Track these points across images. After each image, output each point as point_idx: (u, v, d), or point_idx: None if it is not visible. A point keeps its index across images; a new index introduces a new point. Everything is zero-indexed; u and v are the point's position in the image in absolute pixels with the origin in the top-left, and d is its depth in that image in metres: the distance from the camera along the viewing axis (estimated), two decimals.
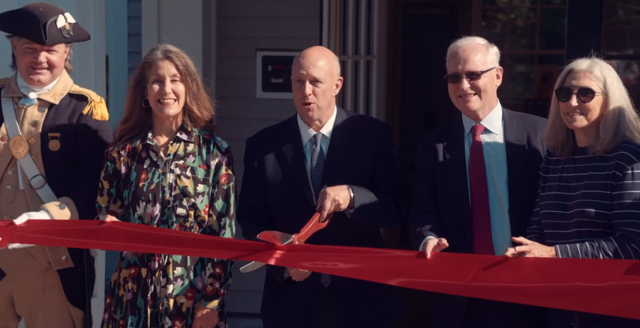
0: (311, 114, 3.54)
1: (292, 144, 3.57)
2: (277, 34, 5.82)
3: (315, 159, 3.57)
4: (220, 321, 3.54)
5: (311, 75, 3.49)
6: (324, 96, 3.52)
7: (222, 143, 3.56)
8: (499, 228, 3.39)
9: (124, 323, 3.48)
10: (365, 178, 3.56)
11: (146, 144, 3.51)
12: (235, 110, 5.72)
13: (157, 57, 3.46)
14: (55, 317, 3.62)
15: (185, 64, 3.47)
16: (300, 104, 3.54)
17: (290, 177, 3.54)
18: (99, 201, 3.53)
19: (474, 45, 3.43)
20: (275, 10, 5.81)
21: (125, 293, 3.50)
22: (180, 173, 3.47)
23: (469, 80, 3.39)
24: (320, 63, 3.51)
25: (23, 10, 3.61)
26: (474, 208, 3.40)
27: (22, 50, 3.59)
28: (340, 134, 3.58)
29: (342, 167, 3.55)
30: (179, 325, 3.46)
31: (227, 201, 3.51)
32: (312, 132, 3.59)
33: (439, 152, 3.48)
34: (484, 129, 3.47)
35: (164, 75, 3.45)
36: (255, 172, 3.60)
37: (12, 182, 3.60)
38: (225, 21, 5.83)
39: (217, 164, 3.51)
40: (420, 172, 3.53)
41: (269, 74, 5.88)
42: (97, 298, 3.95)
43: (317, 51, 3.60)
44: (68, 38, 3.61)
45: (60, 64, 3.63)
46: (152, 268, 3.47)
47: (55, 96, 3.65)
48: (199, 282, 3.50)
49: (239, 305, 5.16)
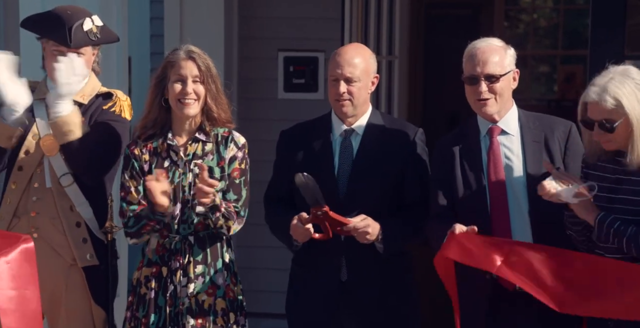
0: (345, 110, 3.56)
1: (323, 137, 3.60)
2: (299, 35, 5.82)
3: (345, 153, 3.58)
4: (240, 316, 3.55)
5: (346, 75, 3.51)
6: (358, 94, 3.54)
7: (239, 138, 3.58)
8: (519, 231, 3.37)
9: (145, 321, 3.50)
10: (391, 179, 3.56)
11: (167, 144, 3.52)
12: (257, 110, 5.73)
13: (180, 57, 3.48)
14: (78, 316, 3.64)
15: (207, 65, 3.49)
16: (334, 100, 3.56)
17: (316, 169, 3.56)
18: (130, 199, 3.53)
19: (492, 47, 3.41)
20: (297, 11, 5.81)
21: (148, 291, 3.52)
22: (199, 173, 3.49)
23: (488, 83, 3.38)
24: (356, 61, 3.53)
25: (51, 13, 3.65)
26: (492, 212, 3.38)
27: (50, 53, 3.63)
28: (372, 131, 3.60)
29: (370, 164, 3.56)
30: (202, 322, 3.48)
31: (238, 194, 3.53)
32: (344, 126, 3.60)
33: (455, 155, 3.46)
34: (500, 131, 3.45)
35: (186, 75, 3.47)
36: (285, 162, 3.64)
37: (40, 180, 3.63)
38: (248, 22, 5.84)
39: (231, 158, 3.53)
40: (436, 176, 3.51)
41: (290, 74, 5.88)
42: (119, 298, 3.97)
43: (354, 49, 3.62)
44: (95, 41, 3.64)
45: (87, 66, 3.66)
46: (173, 268, 3.49)
47: (84, 97, 3.69)
48: (220, 277, 3.51)
49: (262, 306, 5.18)
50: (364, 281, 3.55)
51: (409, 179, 3.57)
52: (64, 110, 3.51)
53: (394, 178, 3.57)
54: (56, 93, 3.50)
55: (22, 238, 3.22)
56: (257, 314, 4.46)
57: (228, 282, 3.54)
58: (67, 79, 3.48)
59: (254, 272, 5.40)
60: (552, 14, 9.39)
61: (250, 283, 3.86)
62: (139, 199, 3.52)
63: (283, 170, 3.67)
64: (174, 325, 3.48)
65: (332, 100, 3.59)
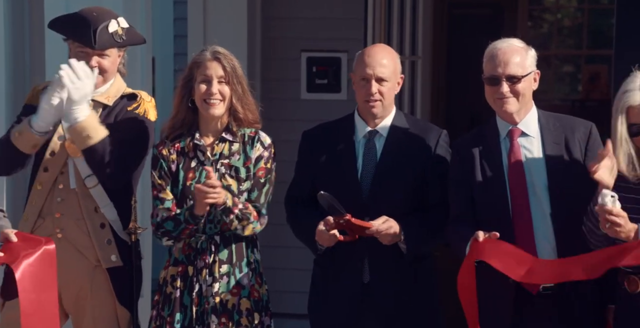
0: (375, 111, 3.56)
1: (346, 138, 3.60)
2: (321, 35, 5.82)
3: (368, 155, 3.57)
4: (265, 316, 3.56)
5: (377, 75, 3.51)
6: (388, 94, 3.55)
7: (265, 138, 3.59)
8: (543, 234, 3.34)
9: (171, 320, 3.52)
10: (415, 181, 3.55)
11: (194, 144, 3.54)
12: (280, 111, 5.73)
13: (206, 57, 3.50)
14: (103, 316, 3.65)
15: (233, 66, 3.51)
16: (364, 101, 3.55)
17: (339, 171, 3.56)
18: (163, 196, 3.54)
19: (513, 48, 3.39)
20: (320, 11, 5.81)
21: (173, 290, 3.53)
22: (225, 173, 3.50)
23: (509, 84, 3.36)
24: (385, 61, 3.54)
25: (77, 15, 3.66)
26: (514, 215, 3.35)
27: (75, 54, 3.64)
28: (396, 133, 3.59)
29: (394, 166, 3.55)
30: (225, 321, 3.49)
31: (261, 192, 3.54)
32: (368, 128, 3.60)
33: (475, 157, 3.44)
34: (521, 133, 3.43)
35: (212, 75, 3.49)
36: (307, 163, 3.64)
37: (65, 181, 3.65)
38: (271, 22, 5.85)
39: (257, 157, 3.55)
40: (455, 179, 3.48)
41: (313, 75, 5.88)
42: (143, 299, 3.98)
43: (382, 49, 3.63)
44: (120, 42, 3.65)
45: (111, 68, 3.67)
46: (198, 267, 3.50)
47: (109, 98, 3.70)
48: (244, 278, 3.52)
49: (286, 306, 5.18)
50: (386, 283, 3.54)
51: (433, 181, 3.56)
52: (80, 116, 3.51)
53: (418, 180, 3.56)
54: (69, 100, 3.49)
55: (44, 241, 3.23)
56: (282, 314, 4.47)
57: (253, 282, 3.55)
58: (72, 84, 3.48)
59: (278, 272, 5.40)
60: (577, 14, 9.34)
61: (275, 283, 3.86)
62: (171, 198, 3.53)
63: (305, 170, 3.67)
64: (199, 324, 3.49)
65: (361, 101, 3.58)
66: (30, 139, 3.53)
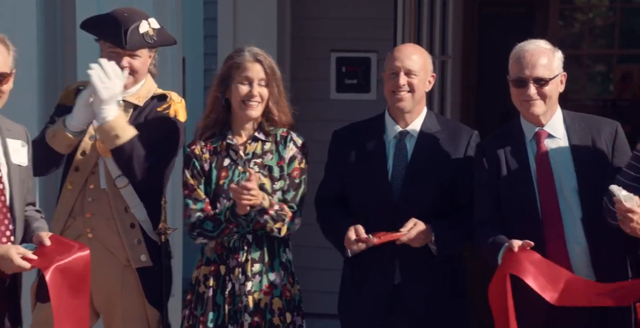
0: (403, 105, 3.53)
1: (376, 139, 3.59)
2: (351, 35, 5.81)
3: (399, 156, 3.56)
4: (297, 316, 3.57)
5: (406, 67, 3.51)
6: (417, 88, 3.53)
7: (298, 138, 3.61)
8: (574, 238, 3.31)
9: (204, 319, 3.53)
10: (446, 182, 3.54)
11: (227, 143, 3.55)
12: (310, 111, 5.72)
13: (247, 59, 3.50)
14: (133, 316, 3.67)
15: (272, 68, 3.53)
16: (391, 94, 3.54)
17: (369, 171, 3.55)
18: (195, 196, 3.55)
19: (541, 50, 3.36)
20: (350, 11, 5.81)
21: (206, 290, 3.54)
22: (258, 171, 3.51)
23: (536, 86, 3.33)
24: (415, 57, 3.54)
25: (109, 15, 3.68)
26: (544, 219, 3.32)
27: (106, 54, 3.66)
28: (427, 134, 3.58)
29: (425, 167, 3.54)
30: (258, 320, 3.50)
31: (296, 191, 3.55)
32: (399, 128, 3.59)
33: (501, 160, 3.41)
34: (547, 134, 3.40)
35: (253, 77, 3.49)
36: (337, 163, 3.64)
37: (95, 181, 3.67)
38: (300, 22, 5.85)
39: (291, 157, 3.56)
40: (480, 181, 3.45)
41: (343, 75, 5.88)
42: (174, 298, 4.00)
43: (412, 46, 3.68)
44: (151, 43, 3.67)
45: (142, 68, 3.69)
46: (231, 266, 3.51)
47: (139, 98, 3.72)
48: (277, 277, 3.52)
49: (316, 306, 5.18)
50: (416, 284, 3.53)
51: (464, 182, 3.54)
52: (109, 116, 3.53)
53: (449, 181, 3.54)
54: (98, 99, 3.52)
55: (78, 247, 3.25)
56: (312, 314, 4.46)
57: (285, 282, 3.56)
58: (102, 83, 3.50)
59: (308, 272, 5.40)
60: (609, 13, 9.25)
61: (305, 283, 3.85)
62: (204, 197, 3.54)
63: (335, 171, 3.66)
64: (232, 323, 3.50)
65: (389, 94, 3.56)
66: (65, 138, 3.56)
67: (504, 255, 3.22)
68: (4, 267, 3.16)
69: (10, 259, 3.13)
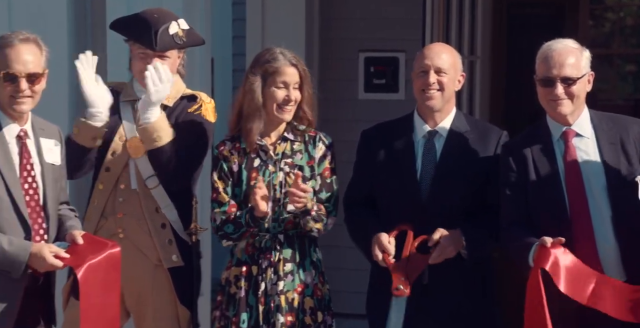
0: (433, 103, 3.52)
1: (405, 138, 3.58)
2: (379, 36, 5.81)
3: (427, 156, 3.55)
4: (327, 315, 3.57)
5: (436, 65, 3.50)
6: (446, 87, 3.52)
7: (326, 138, 3.62)
8: (603, 239, 3.28)
9: (236, 320, 3.54)
10: (475, 183, 3.52)
11: (256, 143, 3.56)
12: (338, 111, 5.74)
13: (283, 63, 3.51)
14: (164, 315, 3.69)
15: (305, 70, 3.56)
16: (421, 93, 3.53)
17: (398, 171, 3.55)
18: (220, 199, 3.57)
19: (568, 49, 3.34)
20: (378, 11, 5.80)
21: (238, 290, 3.55)
22: (289, 171, 3.52)
23: (564, 86, 3.31)
24: (445, 55, 3.53)
25: (139, 16, 3.70)
26: (573, 218, 3.30)
27: (136, 55, 3.69)
28: (456, 134, 3.56)
29: (454, 168, 3.53)
30: (292, 320, 3.51)
31: (330, 192, 3.57)
32: (428, 127, 3.58)
33: (528, 160, 3.39)
34: (575, 134, 3.38)
35: (290, 82, 3.51)
36: (365, 163, 3.64)
37: (126, 182, 3.69)
38: (328, 23, 5.86)
39: (321, 157, 3.57)
40: (507, 181, 3.42)
41: (371, 75, 5.88)
42: (202, 298, 4.02)
43: (441, 45, 3.68)
44: (180, 44, 3.69)
45: (171, 69, 3.70)
46: (263, 266, 3.52)
47: (168, 99, 3.74)
48: (308, 276, 3.53)
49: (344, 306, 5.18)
50: (446, 285, 3.51)
51: (494, 183, 3.52)
52: (153, 116, 3.57)
53: (478, 182, 3.53)
54: (147, 101, 3.56)
55: (110, 245, 3.28)
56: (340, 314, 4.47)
57: (316, 281, 3.57)
58: (155, 86, 3.54)
59: (336, 272, 5.40)
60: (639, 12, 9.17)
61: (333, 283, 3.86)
62: (228, 200, 3.55)
63: (363, 171, 3.66)
64: (266, 323, 3.51)
65: (418, 92, 3.55)
66: (88, 130, 3.58)
67: (537, 251, 3.19)
68: (37, 265, 3.19)
69: (43, 257, 3.16)
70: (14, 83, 3.20)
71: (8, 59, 3.20)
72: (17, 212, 3.22)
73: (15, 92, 3.21)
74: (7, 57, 3.20)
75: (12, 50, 3.21)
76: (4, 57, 3.20)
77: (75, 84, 4.30)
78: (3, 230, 3.19)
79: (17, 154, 3.27)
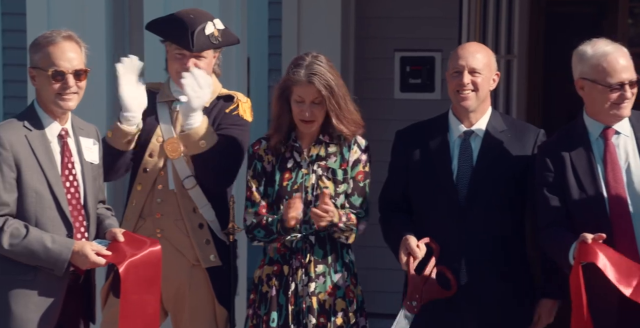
0: (467, 104, 3.50)
1: (440, 138, 3.56)
2: (415, 35, 5.79)
3: (464, 156, 3.53)
4: (361, 317, 3.56)
5: (470, 66, 3.48)
6: (481, 87, 3.50)
7: (362, 141, 3.59)
8: None
9: (267, 319, 3.55)
10: (513, 183, 3.50)
11: (291, 145, 3.56)
12: (373, 110, 5.71)
13: (301, 79, 3.47)
14: (201, 315, 3.71)
15: (328, 85, 3.46)
16: (455, 93, 3.51)
17: (433, 172, 3.53)
18: (253, 198, 3.58)
19: (624, 52, 3.32)
20: (414, 10, 5.78)
21: (269, 289, 3.56)
22: (321, 174, 3.52)
23: (631, 89, 3.29)
24: (479, 55, 3.51)
25: (175, 17, 3.72)
26: (613, 218, 3.27)
27: (172, 56, 3.71)
28: (493, 133, 3.54)
29: (492, 168, 3.50)
30: (323, 321, 3.51)
31: (362, 197, 3.55)
32: (463, 128, 3.56)
33: (565, 159, 3.36)
34: (614, 132, 3.35)
35: (305, 98, 3.47)
36: (400, 164, 3.62)
37: (164, 182, 3.71)
38: (364, 22, 5.85)
39: (355, 161, 3.55)
40: (545, 182, 3.39)
41: (407, 74, 5.86)
42: (239, 297, 4.03)
43: (476, 44, 3.65)
44: (216, 44, 3.70)
45: (207, 69, 3.71)
46: (294, 266, 3.52)
47: None
48: (340, 278, 3.53)
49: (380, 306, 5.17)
50: (483, 283, 3.49)
51: (532, 182, 3.49)
52: (196, 122, 3.59)
53: (516, 182, 3.50)
54: (189, 106, 3.58)
55: (150, 243, 3.31)
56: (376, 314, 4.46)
57: (348, 283, 3.56)
58: (195, 92, 3.55)
59: (371, 272, 5.39)
60: None
61: (368, 283, 3.86)
62: (259, 200, 3.56)
63: (398, 171, 3.65)
64: (295, 324, 3.51)
65: (453, 93, 3.53)
66: (121, 134, 3.60)
67: (577, 247, 3.17)
68: (79, 263, 3.23)
69: (85, 255, 3.20)
70: (61, 80, 3.24)
71: (53, 57, 3.24)
72: (59, 211, 3.26)
73: (62, 89, 3.25)
74: (51, 54, 3.24)
75: (56, 47, 3.25)
76: (48, 55, 3.24)
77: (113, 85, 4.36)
78: (46, 228, 3.23)
79: (58, 153, 3.31)
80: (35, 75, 3.28)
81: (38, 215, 3.23)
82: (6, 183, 3.18)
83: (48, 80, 3.24)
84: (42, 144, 3.26)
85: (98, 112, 4.27)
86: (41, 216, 3.23)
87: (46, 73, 3.24)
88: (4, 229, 3.17)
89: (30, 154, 3.23)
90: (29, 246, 3.17)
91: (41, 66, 3.25)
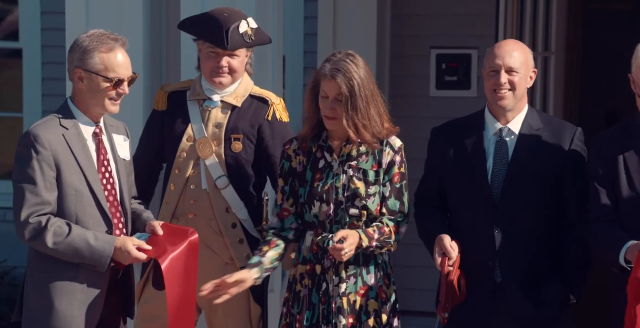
0: (505, 103, 3.48)
1: (476, 136, 3.53)
2: (451, 32, 5.77)
3: (499, 154, 3.51)
4: (393, 317, 3.56)
5: (507, 65, 3.45)
6: (518, 86, 3.47)
7: (395, 141, 3.53)
8: None
9: (300, 318, 3.54)
10: (549, 182, 3.47)
11: (322, 145, 3.56)
12: (409, 108, 5.71)
13: (325, 74, 3.41)
14: (235, 312, 3.72)
15: (350, 84, 3.38)
16: (492, 93, 3.49)
17: (469, 170, 3.51)
18: (277, 198, 3.59)
19: None
20: (450, 8, 5.77)
21: (302, 289, 3.56)
22: (352, 175, 3.49)
23: None
24: (516, 54, 3.48)
25: (209, 15, 3.72)
26: None
27: (206, 54, 3.71)
28: (529, 131, 3.51)
29: (528, 166, 3.47)
30: (353, 322, 3.49)
31: (400, 200, 3.51)
32: (500, 125, 3.53)
33: (618, 156, 3.32)
34: None
35: (329, 94, 3.40)
36: (436, 161, 3.61)
37: (196, 182, 3.72)
38: (400, 20, 5.84)
39: (389, 163, 3.51)
40: (597, 176, 3.36)
41: (443, 72, 5.84)
42: (272, 294, 4.05)
43: (512, 42, 3.60)
44: (249, 43, 3.70)
45: (241, 68, 3.73)
46: (326, 266, 3.52)
47: (237, 98, 3.76)
48: (372, 279, 3.52)
49: (414, 304, 5.17)
50: (519, 283, 3.47)
51: (568, 183, 3.47)
52: None
53: (553, 181, 3.47)
54: None
55: (190, 232, 3.34)
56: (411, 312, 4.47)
57: (381, 284, 3.54)
58: None
59: (407, 270, 5.39)
60: None
61: (404, 281, 3.85)
62: (281, 200, 3.55)
63: (434, 168, 3.63)
64: (327, 324, 3.51)
65: (490, 93, 3.50)
66: None
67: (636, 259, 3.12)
68: (121, 258, 3.26)
69: (127, 251, 3.24)
70: (119, 87, 3.27)
71: (114, 64, 3.25)
72: (99, 208, 3.30)
73: (117, 95, 3.29)
74: (111, 61, 3.25)
75: (114, 54, 3.26)
76: (107, 61, 3.25)
77: (150, 85, 4.39)
78: (87, 225, 3.27)
79: (94, 151, 3.34)
80: (84, 77, 3.27)
81: (78, 213, 3.26)
82: (47, 183, 3.22)
83: (103, 85, 3.26)
84: (79, 143, 3.30)
85: (134, 113, 4.29)
86: (82, 214, 3.26)
87: (103, 78, 3.24)
88: (47, 228, 3.20)
89: (68, 152, 3.27)
90: (73, 244, 3.20)
91: (96, 71, 3.25)
